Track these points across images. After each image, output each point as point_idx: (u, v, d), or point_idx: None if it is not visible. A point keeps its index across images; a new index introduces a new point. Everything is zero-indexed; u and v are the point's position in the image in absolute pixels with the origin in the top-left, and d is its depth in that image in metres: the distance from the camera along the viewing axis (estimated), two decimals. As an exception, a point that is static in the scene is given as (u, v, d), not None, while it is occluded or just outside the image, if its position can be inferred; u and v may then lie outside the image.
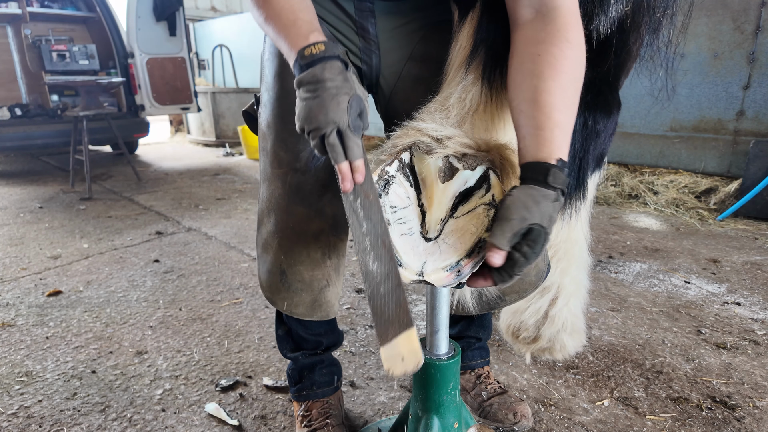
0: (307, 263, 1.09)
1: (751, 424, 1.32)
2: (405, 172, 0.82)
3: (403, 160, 0.82)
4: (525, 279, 1.06)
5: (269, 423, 1.36)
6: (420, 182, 0.82)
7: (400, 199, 0.81)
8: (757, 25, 3.25)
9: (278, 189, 1.06)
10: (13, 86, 5.83)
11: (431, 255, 0.76)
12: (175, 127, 8.44)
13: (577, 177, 1.51)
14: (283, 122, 1.03)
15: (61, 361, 1.66)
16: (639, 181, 3.81)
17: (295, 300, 1.12)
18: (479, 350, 1.39)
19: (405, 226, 0.79)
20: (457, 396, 0.95)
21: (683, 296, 2.11)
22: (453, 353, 0.94)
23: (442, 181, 0.79)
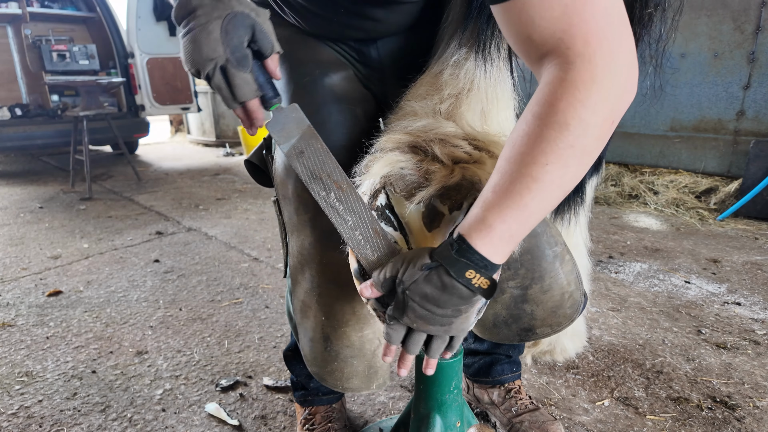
0: (353, 322, 0.91)
1: (751, 424, 1.32)
2: (385, 215, 0.74)
3: (379, 207, 0.73)
4: (558, 312, 0.95)
5: (269, 423, 1.36)
6: (404, 225, 0.74)
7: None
8: (758, 25, 3.25)
9: (308, 238, 0.89)
10: (14, 86, 5.84)
11: None
12: (175, 127, 8.45)
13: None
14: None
15: (62, 361, 1.66)
16: (639, 181, 3.81)
17: (346, 371, 0.94)
18: (509, 364, 1.32)
19: None
20: (460, 395, 0.94)
21: (683, 296, 2.11)
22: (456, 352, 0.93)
23: (429, 229, 0.72)
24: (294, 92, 0.93)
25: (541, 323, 0.96)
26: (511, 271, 0.93)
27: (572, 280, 0.94)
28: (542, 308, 0.94)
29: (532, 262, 0.90)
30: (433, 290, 0.64)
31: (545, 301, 0.94)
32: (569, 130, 0.56)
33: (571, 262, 0.94)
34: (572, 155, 0.57)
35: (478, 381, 1.34)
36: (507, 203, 0.59)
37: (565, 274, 0.93)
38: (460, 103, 0.80)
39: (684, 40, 3.57)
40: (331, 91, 0.93)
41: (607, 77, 0.56)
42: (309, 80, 0.92)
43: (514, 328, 0.98)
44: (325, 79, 0.93)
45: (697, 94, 3.60)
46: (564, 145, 0.57)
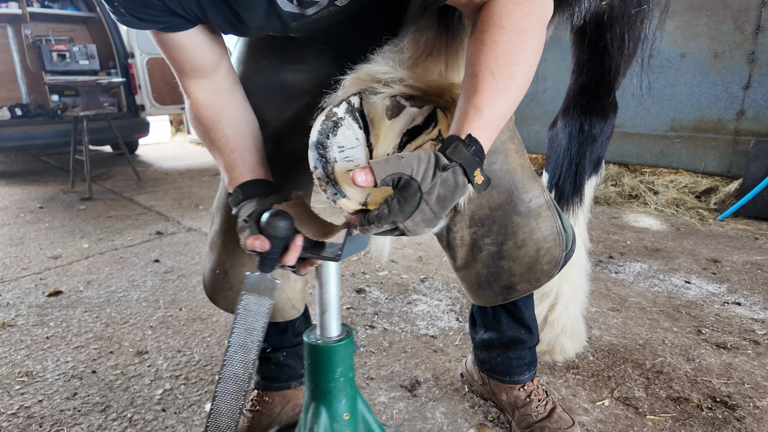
0: (250, 264, 1.09)
1: (751, 424, 1.32)
2: (354, 115, 0.81)
3: (352, 104, 0.81)
4: (535, 267, 1.01)
5: (269, 423, 1.36)
6: (369, 123, 0.82)
7: (348, 141, 0.81)
8: (758, 24, 3.25)
9: (224, 188, 1.08)
10: (14, 86, 5.84)
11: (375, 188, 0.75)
12: (175, 127, 8.44)
13: (574, 182, 1.50)
14: None
15: (62, 361, 1.66)
16: (639, 181, 3.81)
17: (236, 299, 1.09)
18: (528, 365, 1.28)
19: (351, 163, 0.80)
20: (350, 385, 0.88)
21: (683, 296, 2.11)
22: (343, 336, 0.88)
23: (389, 118, 0.79)
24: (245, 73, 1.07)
25: (520, 279, 1.04)
26: (485, 228, 1.02)
27: (549, 237, 1.01)
28: (519, 264, 1.02)
29: (503, 218, 0.99)
30: (447, 191, 0.67)
31: (521, 256, 1.01)
32: (527, 34, 0.72)
33: (550, 219, 1.01)
34: (531, 54, 0.73)
35: (494, 378, 1.32)
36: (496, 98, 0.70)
37: (541, 231, 1.00)
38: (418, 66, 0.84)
39: (684, 40, 3.57)
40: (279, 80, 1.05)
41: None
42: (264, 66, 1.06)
43: (496, 286, 1.06)
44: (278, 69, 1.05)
45: (697, 94, 3.59)
46: (525, 47, 0.72)
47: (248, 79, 1.05)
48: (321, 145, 0.79)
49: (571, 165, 1.47)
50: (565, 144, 1.47)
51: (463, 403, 1.43)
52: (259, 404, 1.27)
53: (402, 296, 2.13)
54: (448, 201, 0.67)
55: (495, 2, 0.73)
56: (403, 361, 1.64)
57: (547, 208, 1.01)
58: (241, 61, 1.10)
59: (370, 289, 2.21)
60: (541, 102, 4.30)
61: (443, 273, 2.37)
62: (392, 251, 2.66)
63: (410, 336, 1.80)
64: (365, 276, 2.35)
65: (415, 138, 0.79)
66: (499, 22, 0.71)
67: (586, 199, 1.53)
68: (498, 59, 0.70)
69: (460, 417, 1.37)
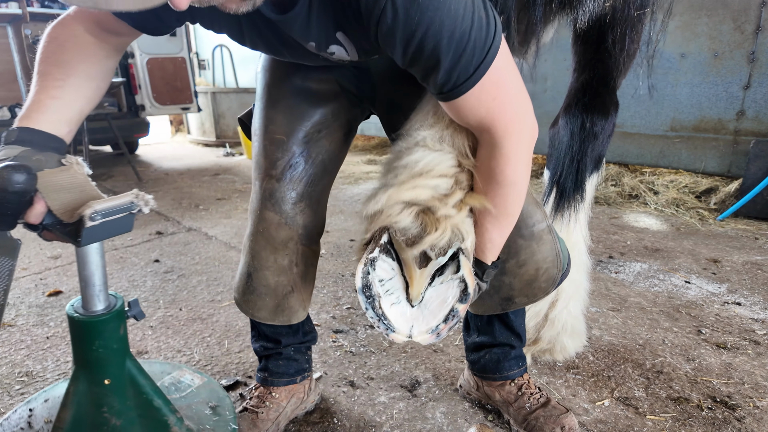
0: (274, 268, 1.14)
1: (751, 424, 1.32)
2: (386, 249, 0.92)
3: (383, 244, 0.91)
4: (533, 284, 1.12)
5: (269, 423, 1.36)
6: (401, 260, 0.93)
7: (386, 272, 0.92)
8: (758, 24, 3.25)
9: (255, 194, 1.15)
10: (14, 86, 5.83)
11: (416, 320, 0.94)
12: (175, 127, 8.45)
13: (575, 179, 1.51)
14: (265, 130, 1.12)
15: (62, 361, 1.66)
16: (639, 181, 3.81)
17: (258, 304, 1.17)
18: (516, 359, 1.33)
19: (393, 296, 0.93)
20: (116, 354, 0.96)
21: (683, 296, 2.11)
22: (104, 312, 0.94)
23: (419, 267, 0.91)
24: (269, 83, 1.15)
25: (519, 293, 1.14)
26: None
27: (549, 259, 1.11)
28: (519, 280, 1.12)
29: (508, 239, 1.06)
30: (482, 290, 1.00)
31: (521, 274, 1.11)
32: (516, 185, 0.92)
33: (550, 243, 1.11)
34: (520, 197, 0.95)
35: (486, 378, 1.35)
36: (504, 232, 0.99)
37: (542, 253, 1.10)
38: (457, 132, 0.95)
39: (684, 40, 3.57)
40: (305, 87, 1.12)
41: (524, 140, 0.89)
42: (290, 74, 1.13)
43: (496, 297, 1.16)
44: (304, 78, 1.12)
45: (697, 94, 3.59)
46: (514, 193, 0.93)
47: (276, 86, 1.13)
48: (366, 288, 0.91)
49: (572, 162, 1.48)
50: (567, 141, 1.47)
51: (463, 403, 1.43)
52: (267, 400, 1.29)
53: (402, 296, 2.13)
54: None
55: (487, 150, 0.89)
56: (403, 361, 1.64)
57: (548, 233, 1.11)
58: (268, 68, 1.16)
59: (370, 289, 2.21)
60: (541, 102, 4.29)
61: (443, 273, 2.37)
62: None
63: (410, 336, 1.80)
64: (365, 276, 2.35)
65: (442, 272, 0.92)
66: (496, 179, 0.90)
67: (587, 197, 1.53)
68: (498, 207, 0.93)
69: (460, 417, 1.37)
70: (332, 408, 1.41)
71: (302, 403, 1.35)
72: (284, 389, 1.31)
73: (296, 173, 1.11)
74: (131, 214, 0.87)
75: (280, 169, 1.10)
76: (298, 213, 1.12)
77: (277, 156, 1.10)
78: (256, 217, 1.14)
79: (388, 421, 1.35)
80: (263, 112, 1.14)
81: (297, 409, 1.34)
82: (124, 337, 0.98)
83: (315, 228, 1.18)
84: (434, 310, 0.93)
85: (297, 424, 1.34)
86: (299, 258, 1.16)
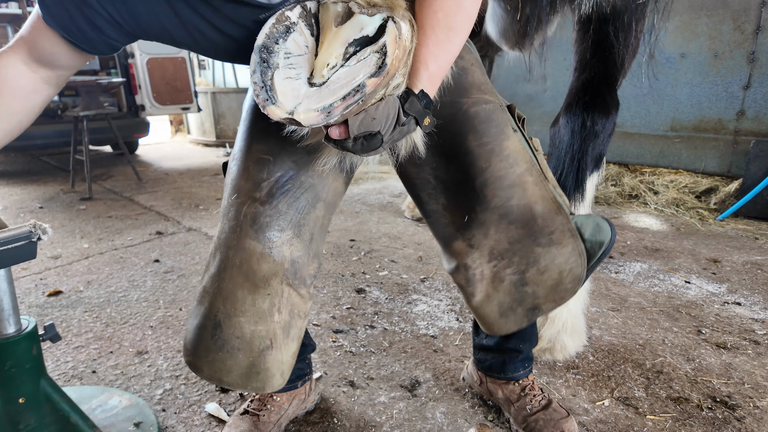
0: (251, 314, 0.92)
1: (751, 424, 1.32)
2: (309, 21, 0.78)
3: (308, 8, 0.77)
4: (559, 288, 1.03)
5: (269, 423, 1.36)
6: (320, 28, 0.79)
7: (297, 47, 0.78)
8: (758, 24, 3.25)
9: (230, 222, 0.95)
10: (14, 86, 5.83)
11: (309, 98, 0.74)
12: (175, 127, 8.45)
13: (576, 178, 1.51)
14: (248, 150, 0.98)
15: (62, 361, 1.66)
16: (639, 181, 3.81)
17: (228, 363, 0.94)
18: (522, 361, 1.31)
19: (293, 71, 0.77)
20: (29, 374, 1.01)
21: (683, 296, 2.11)
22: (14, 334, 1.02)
23: (336, 25, 0.76)
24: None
25: (545, 300, 1.04)
26: (506, 260, 1.03)
27: (571, 260, 1.02)
28: (543, 287, 1.03)
29: (524, 250, 1.00)
30: (399, 135, 0.78)
31: (545, 280, 1.02)
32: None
33: (571, 245, 1.01)
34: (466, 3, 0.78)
35: (490, 376, 1.35)
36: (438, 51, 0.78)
37: (563, 255, 1.01)
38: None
39: (684, 40, 3.57)
40: None
41: None
42: None
43: (520, 310, 1.05)
44: None
45: (697, 94, 3.60)
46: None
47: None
48: (266, 50, 0.76)
49: (573, 161, 1.48)
50: (568, 140, 1.47)
51: (463, 403, 1.43)
52: (269, 403, 1.28)
53: (402, 296, 2.13)
54: (397, 140, 0.78)
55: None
56: (403, 361, 1.64)
57: (570, 236, 1.01)
58: None
59: (370, 289, 2.21)
60: (541, 102, 4.29)
61: (443, 273, 2.37)
62: (392, 251, 2.67)
63: (410, 336, 1.80)
64: (365, 276, 2.35)
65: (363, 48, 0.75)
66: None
67: (588, 195, 1.54)
68: (437, 14, 0.77)
69: (460, 417, 1.37)
70: (332, 408, 1.41)
71: (303, 403, 1.36)
72: (286, 393, 1.30)
73: (284, 197, 0.94)
74: (32, 242, 0.94)
75: (265, 191, 0.94)
76: (284, 243, 0.93)
77: (262, 177, 0.94)
78: (229, 249, 0.93)
79: (388, 421, 1.35)
80: (246, 133, 1.01)
81: (297, 410, 1.35)
82: (38, 357, 1.04)
83: (305, 266, 0.98)
84: (335, 90, 0.72)
85: (297, 424, 1.34)
86: (283, 302, 0.95)
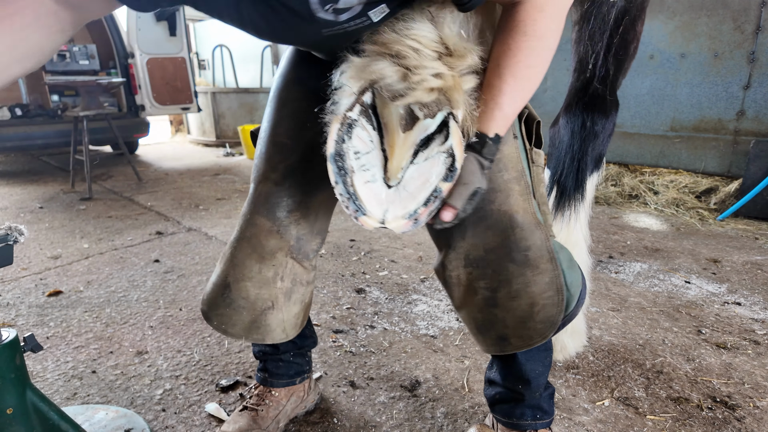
0: (256, 280, 1.06)
1: (751, 424, 1.32)
2: (368, 114, 0.80)
3: (365, 103, 0.79)
4: (528, 324, 0.94)
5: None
6: (382, 126, 0.81)
7: (363, 144, 0.80)
8: (758, 24, 3.25)
9: (249, 197, 1.08)
10: (14, 86, 5.83)
11: (392, 203, 0.80)
12: (175, 127, 8.45)
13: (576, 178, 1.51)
14: (270, 133, 1.07)
15: (62, 361, 1.66)
16: (639, 181, 3.81)
17: (233, 319, 1.09)
18: (531, 409, 1.09)
19: (368, 173, 0.80)
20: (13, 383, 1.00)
21: (683, 296, 2.11)
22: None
23: (403, 130, 0.79)
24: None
25: (513, 333, 0.96)
26: (480, 269, 0.96)
27: (546, 294, 0.92)
28: (511, 316, 0.95)
29: (497, 262, 0.93)
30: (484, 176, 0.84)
31: (514, 308, 0.94)
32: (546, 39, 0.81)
33: (549, 273, 0.92)
34: (547, 55, 0.83)
35: (499, 421, 1.16)
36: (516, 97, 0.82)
37: (538, 285, 0.92)
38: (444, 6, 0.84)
39: (684, 40, 3.57)
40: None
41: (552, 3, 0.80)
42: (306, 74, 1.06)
43: (491, 335, 0.99)
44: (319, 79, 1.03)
45: (697, 94, 3.60)
46: (542, 51, 0.82)
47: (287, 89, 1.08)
48: (339, 156, 0.78)
49: (573, 161, 1.48)
50: (567, 140, 1.47)
51: (463, 403, 1.43)
52: (267, 398, 1.29)
53: (402, 296, 2.13)
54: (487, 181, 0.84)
55: (521, 9, 0.80)
56: (403, 361, 1.64)
57: (547, 261, 0.92)
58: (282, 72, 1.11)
59: (370, 289, 2.21)
60: (541, 102, 4.30)
61: (443, 273, 2.37)
62: (392, 251, 2.67)
63: (410, 336, 1.80)
64: (365, 276, 2.35)
65: (427, 145, 0.80)
66: (524, 30, 0.80)
67: (588, 195, 1.53)
68: (519, 63, 0.81)
69: (460, 417, 1.37)
70: (332, 408, 1.41)
71: (302, 402, 1.35)
72: (284, 389, 1.31)
73: (295, 179, 1.04)
74: (8, 245, 0.92)
75: (279, 172, 1.04)
76: (292, 222, 1.05)
77: (277, 159, 1.05)
78: (245, 222, 1.08)
79: (388, 421, 1.35)
80: (270, 116, 1.10)
81: (297, 408, 1.34)
82: (22, 367, 1.03)
83: (309, 243, 1.10)
84: (414, 192, 0.79)
85: (297, 424, 1.34)
86: (286, 272, 1.08)
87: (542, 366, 1.07)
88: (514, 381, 1.08)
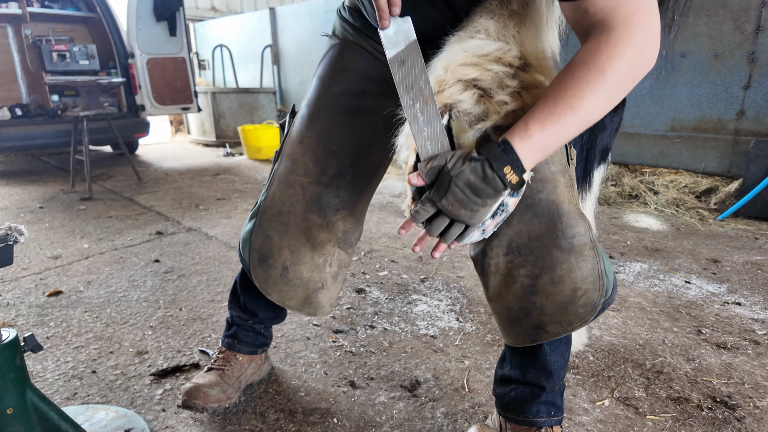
0: (310, 264, 1.21)
1: (751, 424, 1.32)
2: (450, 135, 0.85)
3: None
4: (569, 308, 0.96)
5: (267, 420, 1.36)
6: (456, 145, 0.86)
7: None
8: (758, 24, 3.25)
9: (297, 195, 1.16)
10: (14, 86, 5.83)
11: None
12: (175, 127, 8.45)
13: (584, 168, 1.53)
14: (320, 138, 1.14)
15: (62, 361, 1.66)
16: (639, 181, 3.81)
17: (290, 294, 1.24)
18: (546, 404, 1.10)
19: None
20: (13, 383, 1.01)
21: (683, 296, 2.11)
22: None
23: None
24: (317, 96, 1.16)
25: (551, 319, 0.98)
26: (522, 257, 0.98)
27: (589, 279, 0.96)
28: (552, 302, 0.97)
29: (542, 249, 0.95)
30: (476, 179, 0.78)
31: (555, 294, 0.96)
32: (605, 76, 0.75)
33: (592, 260, 0.96)
34: (603, 95, 0.76)
35: (509, 419, 1.15)
36: (548, 120, 0.76)
37: (581, 270, 0.96)
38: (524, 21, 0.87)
39: (684, 40, 3.57)
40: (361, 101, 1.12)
41: (639, 42, 0.75)
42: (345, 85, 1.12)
43: (525, 325, 1.01)
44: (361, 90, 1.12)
45: (697, 94, 3.60)
46: (598, 86, 0.75)
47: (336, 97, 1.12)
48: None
49: (581, 151, 1.51)
50: None
51: (463, 403, 1.43)
52: (232, 361, 1.45)
53: (402, 296, 2.13)
54: (478, 189, 0.78)
55: (590, 41, 0.77)
56: (403, 361, 1.64)
57: (590, 248, 0.96)
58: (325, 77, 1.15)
59: (370, 289, 2.21)
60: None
61: (443, 273, 2.37)
62: (392, 251, 2.67)
63: (410, 336, 1.80)
64: (365, 276, 2.35)
65: None
66: (585, 60, 0.76)
67: (594, 186, 1.55)
68: (566, 90, 0.76)
69: (460, 417, 1.37)
70: (332, 408, 1.41)
71: (259, 370, 1.52)
72: (246, 356, 1.47)
73: (343, 182, 1.15)
74: (8, 245, 0.92)
75: (329, 176, 1.14)
76: (339, 219, 1.18)
77: (328, 165, 1.13)
78: (296, 217, 1.17)
79: (388, 421, 1.35)
80: (321, 121, 1.15)
81: (254, 375, 1.50)
82: (22, 367, 1.04)
83: (353, 233, 1.25)
84: None
85: (297, 424, 1.34)
86: (333, 259, 1.23)
87: (563, 359, 1.10)
88: (536, 373, 1.10)
